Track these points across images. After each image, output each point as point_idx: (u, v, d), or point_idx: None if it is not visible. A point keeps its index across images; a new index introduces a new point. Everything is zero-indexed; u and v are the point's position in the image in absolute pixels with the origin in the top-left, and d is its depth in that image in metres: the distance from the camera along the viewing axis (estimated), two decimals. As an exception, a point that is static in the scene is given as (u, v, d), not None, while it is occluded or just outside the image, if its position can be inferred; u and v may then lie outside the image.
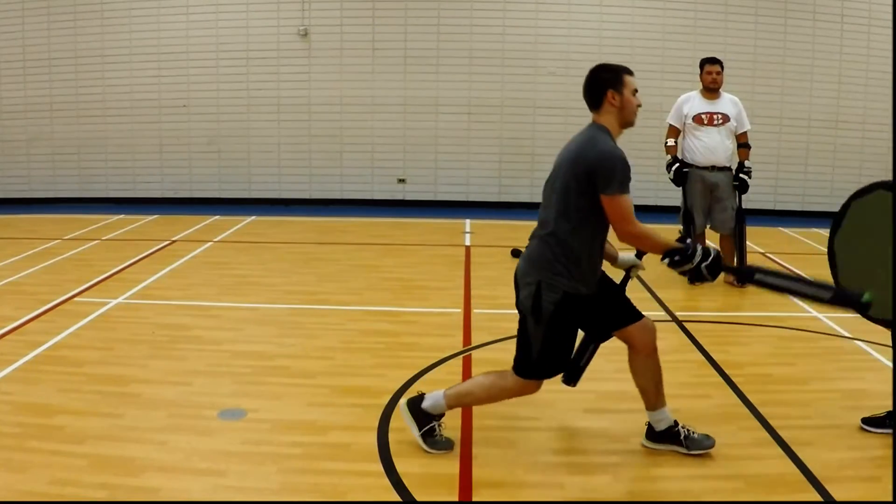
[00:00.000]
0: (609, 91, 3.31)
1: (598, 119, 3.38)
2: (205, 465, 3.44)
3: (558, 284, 3.28)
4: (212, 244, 8.59)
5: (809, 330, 5.59)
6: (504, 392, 3.53)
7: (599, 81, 3.35)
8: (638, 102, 3.37)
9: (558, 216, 3.29)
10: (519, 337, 3.45)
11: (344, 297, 6.42)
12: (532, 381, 3.47)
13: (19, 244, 8.32)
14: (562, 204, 3.29)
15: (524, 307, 3.37)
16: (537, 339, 3.35)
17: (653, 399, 3.58)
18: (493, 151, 11.53)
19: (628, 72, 3.39)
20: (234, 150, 11.64)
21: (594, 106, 3.38)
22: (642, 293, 6.63)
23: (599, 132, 3.32)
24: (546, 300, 3.28)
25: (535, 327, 3.34)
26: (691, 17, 11.09)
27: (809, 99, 11.27)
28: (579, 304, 3.33)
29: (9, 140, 11.67)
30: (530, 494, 3.27)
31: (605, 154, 3.20)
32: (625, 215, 3.19)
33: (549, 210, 3.36)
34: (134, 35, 11.37)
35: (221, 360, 4.82)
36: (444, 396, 3.54)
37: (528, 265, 3.37)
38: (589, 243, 3.32)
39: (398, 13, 11.27)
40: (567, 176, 3.27)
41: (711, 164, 6.78)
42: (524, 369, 3.44)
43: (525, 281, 3.36)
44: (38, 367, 4.65)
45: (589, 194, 3.21)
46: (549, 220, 3.34)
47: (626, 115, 3.35)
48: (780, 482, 3.34)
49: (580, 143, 3.33)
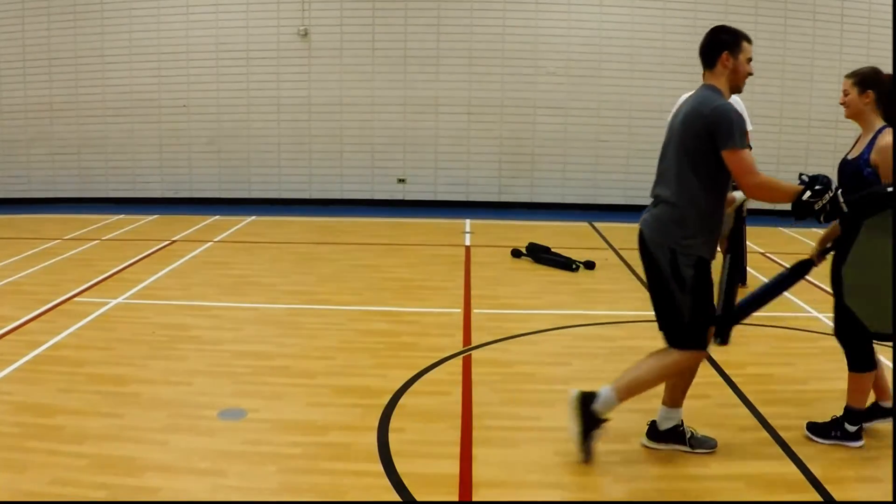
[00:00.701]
0: (725, 52, 3.34)
1: (710, 79, 3.39)
2: (205, 465, 3.44)
3: (690, 250, 3.28)
4: (212, 244, 8.59)
5: (809, 330, 5.59)
6: (674, 366, 3.45)
7: (717, 42, 3.37)
8: (750, 71, 3.38)
9: (681, 179, 3.29)
10: (662, 310, 3.40)
11: (344, 297, 6.42)
12: (696, 351, 3.42)
13: (19, 244, 8.32)
14: (684, 166, 3.28)
15: (666, 275, 3.33)
16: (686, 307, 3.33)
17: (677, 396, 3.58)
18: (493, 151, 11.52)
19: (747, 39, 3.40)
20: (234, 150, 11.64)
21: (708, 65, 3.39)
22: (642, 293, 6.62)
23: (711, 91, 3.32)
24: (683, 266, 3.29)
25: (681, 296, 3.32)
26: (691, 17, 11.08)
27: (809, 99, 11.27)
28: (708, 269, 3.34)
29: (9, 140, 11.67)
30: (530, 494, 3.27)
31: (721, 110, 3.21)
32: (749, 167, 3.18)
33: (668, 176, 3.35)
34: (134, 35, 11.37)
35: (221, 360, 4.82)
36: (615, 391, 3.47)
37: (657, 231, 3.36)
38: (714, 202, 3.32)
39: (398, 13, 11.27)
40: (685, 137, 3.28)
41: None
42: (681, 340, 3.40)
43: (659, 249, 3.34)
44: (38, 367, 4.65)
45: (710, 152, 3.21)
46: (670, 186, 3.33)
47: (736, 79, 3.37)
48: (780, 482, 3.34)
49: (694, 104, 3.33)
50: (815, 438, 3.71)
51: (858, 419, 3.64)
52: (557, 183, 11.49)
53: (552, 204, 11.44)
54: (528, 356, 5.00)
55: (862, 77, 3.58)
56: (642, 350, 5.18)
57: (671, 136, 3.40)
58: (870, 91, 3.54)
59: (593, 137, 11.32)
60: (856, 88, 3.58)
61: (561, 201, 11.46)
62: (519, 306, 6.20)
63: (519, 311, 6.07)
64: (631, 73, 11.12)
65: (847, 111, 3.65)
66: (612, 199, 11.28)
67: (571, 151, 11.40)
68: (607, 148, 11.25)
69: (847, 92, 3.61)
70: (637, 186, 11.27)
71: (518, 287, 6.78)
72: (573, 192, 11.48)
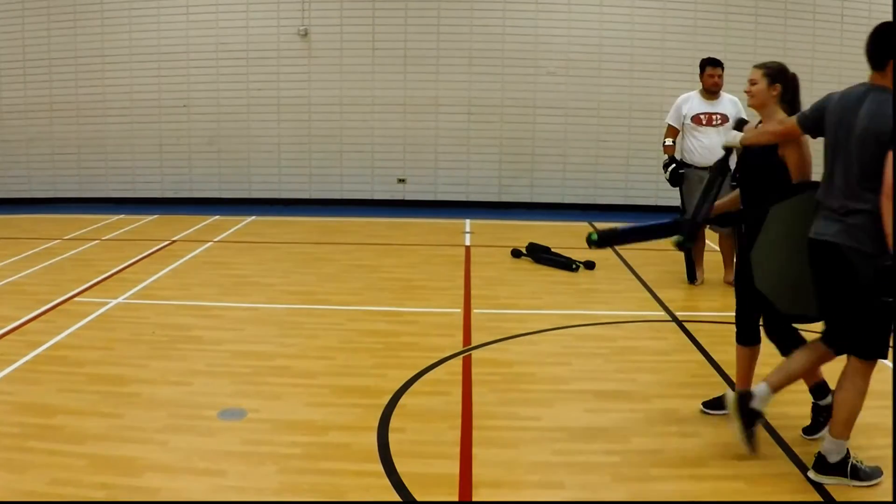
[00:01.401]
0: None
1: (881, 80, 3.19)
2: (205, 465, 3.44)
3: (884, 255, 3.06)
4: (212, 244, 8.59)
5: (809, 330, 5.58)
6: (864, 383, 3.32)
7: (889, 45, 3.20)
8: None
9: (864, 181, 3.11)
10: (859, 319, 3.20)
11: (344, 297, 6.42)
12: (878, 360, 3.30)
13: (19, 244, 8.32)
14: (866, 168, 3.11)
15: (862, 284, 3.14)
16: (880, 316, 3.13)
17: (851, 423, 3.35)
18: (493, 151, 11.52)
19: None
20: (234, 150, 11.64)
21: (878, 67, 3.22)
22: (642, 293, 6.64)
23: (884, 93, 3.14)
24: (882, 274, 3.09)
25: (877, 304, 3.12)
26: (691, 17, 11.09)
27: (809, 99, 11.21)
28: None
29: (9, 140, 11.67)
30: (530, 494, 3.27)
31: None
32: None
33: (849, 179, 3.17)
34: (134, 35, 11.37)
35: (221, 360, 4.82)
36: (768, 385, 3.47)
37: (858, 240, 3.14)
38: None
39: (398, 13, 11.27)
40: (870, 140, 3.09)
41: (710, 165, 6.76)
42: (879, 350, 3.24)
43: (861, 259, 3.14)
44: (38, 367, 4.65)
45: (884, 155, 3.03)
46: (861, 194, 3.13)
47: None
48: (780, 482, 3.34)
49: (874, 106, 3.13)
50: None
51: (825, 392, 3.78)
52: (557, 183, 11.48)
53: (552, 204, 11.43)
54: (528, 356, 5.00)
55: (772, 70, 3.77)
56: (642, 350, 5.23)
57: (852, 138, 3.18)
58: (778, 85, 3.75)
59: (593, 137, 11.32)
60: (765, 80, 3.75)
61: (561, 201, 11.45)
62: (519, 306, 6.20)
63: (519, 311, 6.07)
64: (631, 73, 11.11)
65: (753, 100, 3.80)
66: (612, 199, 11.25)
67: (571, 151, 11.40)
68: (607, 148, 11.24)
69: (755, 81, 3.77)
70: (637, 186, 11.30)
71: (518, 287, 6.78)
72: (573, 192, 11.47)
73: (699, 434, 3.82)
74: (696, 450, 3.66)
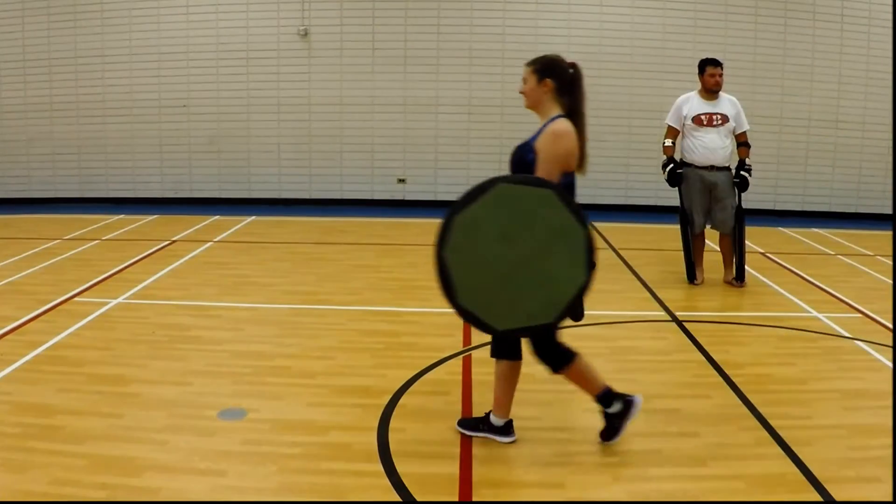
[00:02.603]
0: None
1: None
2: (205, 465, 3.44)
3: None
4: (212, 244, 8.59)
5: (809, 330, 5.59)
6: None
7: None
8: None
9: None
10: None
11: (344, 297, 6.42)
12: None
13: (19, 244, 8.32)
14: None
15: None
16: None
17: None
18: (493, 151, 11.50)
19: None
20: (234, 150, 11.64)
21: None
22: (642, 293, 6.64)
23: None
24: None
25: None
26: (691, 17, 11.09)
27: (809, 99, 11.27)
28: None
29: (9, 140, 11.67)
30: (530, 494, 3.27)
31: None
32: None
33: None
34: (134, 35, 11.37)
35: (221, 360, 4.82)
36: None
37: None
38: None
39: (398, 13, 11.27)
40: None
41: (710, 165, 6.78)
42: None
43: None
44: (38, 367, 4.65)
45: None
46: None
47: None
48: (780, 482, 3.34)
49: None
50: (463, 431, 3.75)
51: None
52: (557, 183, 11.48)
53: (552, 204, 11.42)
54: (528, 356, 4.99)
55: (541, 65, 3.48)
56: (642, 350, 5.23)
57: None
58: (548, 80, 3.46)
59: (593, 137, 11.12)
60: (535, 76, 3.48)
61: (561, 201, 11.45)
62: (519, 306, 6.19)
63: (519, 311, 6.05)
64: (631, 73, 11.13)
65: (526, 101, 3.53)
66: (612, 199, 11.25)
67: (571, 151, 11.39)
68: (607, 148, 11.23)
69: (525, 80, 3.50)
70: (637, 186, 11.30)
71: (518, 287, 6.77)
72: (573, 192, 11.46)
73: (699, 434, 3.82)
74: (696, 450, 3.66)
